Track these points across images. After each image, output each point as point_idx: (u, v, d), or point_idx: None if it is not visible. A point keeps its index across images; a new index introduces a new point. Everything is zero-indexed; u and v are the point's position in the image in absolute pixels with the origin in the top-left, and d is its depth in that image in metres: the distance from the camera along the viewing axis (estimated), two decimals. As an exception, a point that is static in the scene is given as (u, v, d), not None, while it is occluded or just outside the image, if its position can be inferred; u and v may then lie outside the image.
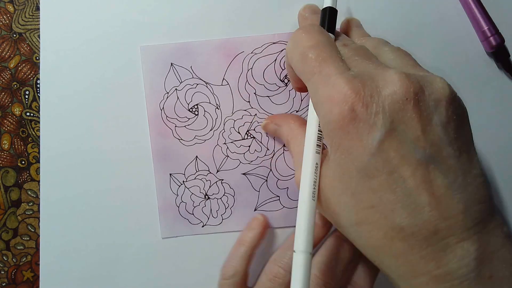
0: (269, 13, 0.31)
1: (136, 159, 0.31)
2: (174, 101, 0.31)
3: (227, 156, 0.31)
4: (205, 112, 0.31)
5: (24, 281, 0.32)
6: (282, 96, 0.30)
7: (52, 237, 0.31)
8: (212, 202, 0.31)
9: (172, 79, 0.30)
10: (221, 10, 0.31)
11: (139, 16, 0.31)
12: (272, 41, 0.30)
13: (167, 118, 0.31)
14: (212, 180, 0.31)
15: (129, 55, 0.31)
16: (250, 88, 0.30)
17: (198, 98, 0.31)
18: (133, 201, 0.31)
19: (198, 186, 0.31)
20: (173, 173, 0.31)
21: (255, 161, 0.31)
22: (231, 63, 0.30)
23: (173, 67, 0.30)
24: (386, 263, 0.21)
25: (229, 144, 0.31)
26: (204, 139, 0.31)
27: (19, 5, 0.31)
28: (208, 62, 0.30)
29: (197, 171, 0.31)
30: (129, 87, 0.31)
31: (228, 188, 0.31)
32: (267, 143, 0.31)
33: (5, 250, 0.32)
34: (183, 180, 0.31)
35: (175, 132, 0.31)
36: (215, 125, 0.31)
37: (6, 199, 0.31)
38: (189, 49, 0.30)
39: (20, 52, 0.31)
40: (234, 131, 0.31)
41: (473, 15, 0.30)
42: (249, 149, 0.31)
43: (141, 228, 0.31)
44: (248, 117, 0.31)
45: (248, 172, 0.31)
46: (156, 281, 0.31)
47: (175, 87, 0.30)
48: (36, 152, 0.31)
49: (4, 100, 0.31)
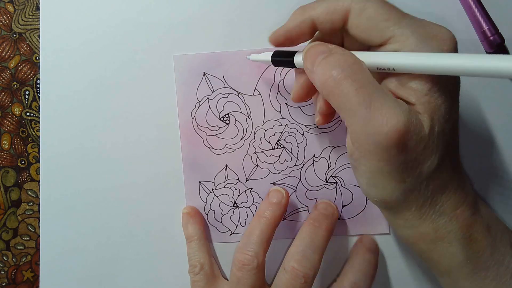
0: None
1: (137, 158, 0.31)
2: (205, 110, 0.31)
3: (256, 165, 0.31)
4: (236, 121, 0.31)
5: (24, 281, 0.32)
6: (313, 107, 0.31)
7: (52, 237, 0.31)
8: (240, 211, 0.31)
9: (204, 88, 0.31)
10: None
11: (138, 15, 0.31)
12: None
13: (198, 127, 0.31)
14: (241, 189, 0.31)
15: (129, 55, 0.31)
16: (282, 98, 0.31)
17: (229, 107, 0.31)
18: (140, 202, 0.31)
19: (227, 194, 0.31)
20: (202, 181, 0.31)
21: (284, 171, 0.31)
22: (263, 74, 0.30)
23: (206, 76, 0.30)
24: None
25: (259, 153, 0.31)
26: (235, 148, 0.31)
27: (19, 5, 0.31)
28: (240, 72, 0.30)
29: (226, 180, 0.31)
30: (129, 86, 0.31)
31: (257, 197, 0.31)
32: (297, 153, 0.31)
33: (5, 250, 0.32)
34: (212, 188, 0.31)
35: (205, 141, 0.31)
36: (246, 134, 0.31)
37: (6, 199, 0.31)
38: (222, 58, 0.31)
39: (20, 52, 0.31)
40: (264, 140, 0.31)
41: (473, 15, 0.30)
42: (279, 159, 0.31)
43: (142, 228, 0.31)
44: (279, 127, 0.31)
45: (278, 181, 0.31)
46: (156, 281, 0.31)
47: (207, 96, 0.31)
48: (36, 152, 0.31)
49: (4, 100, 0.31)
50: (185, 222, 0.31)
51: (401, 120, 0.21)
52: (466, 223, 0.23)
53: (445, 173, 0.23)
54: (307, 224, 0.29)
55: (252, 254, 0.28)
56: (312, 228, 0.29)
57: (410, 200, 0.23)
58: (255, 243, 0.28)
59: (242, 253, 0.28)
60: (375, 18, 0.22)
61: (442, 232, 0.23)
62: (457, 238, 0.23)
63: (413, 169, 0.22)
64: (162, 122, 0.31)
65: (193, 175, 0.31)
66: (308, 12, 0.24)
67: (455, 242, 0.23)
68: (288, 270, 0.27)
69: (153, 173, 0.31)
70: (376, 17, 0.22)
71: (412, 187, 0.23)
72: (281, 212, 0.29)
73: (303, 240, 0.28)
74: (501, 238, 0.25)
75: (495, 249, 0.24)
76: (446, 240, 0.23)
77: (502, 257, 0.24)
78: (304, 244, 0.28)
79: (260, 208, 0.30)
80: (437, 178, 0.23)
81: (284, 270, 0.28)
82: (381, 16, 0.22)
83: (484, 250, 0.24)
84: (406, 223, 0.24)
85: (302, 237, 0.28)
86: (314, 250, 0.28)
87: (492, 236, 0.24)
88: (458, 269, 0.24)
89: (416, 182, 0.22)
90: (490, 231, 0.24)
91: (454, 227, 0.23)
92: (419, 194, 0.23)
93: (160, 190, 0.31)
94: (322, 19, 0.24)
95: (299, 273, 0.27)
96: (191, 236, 0.30)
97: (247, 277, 0.28)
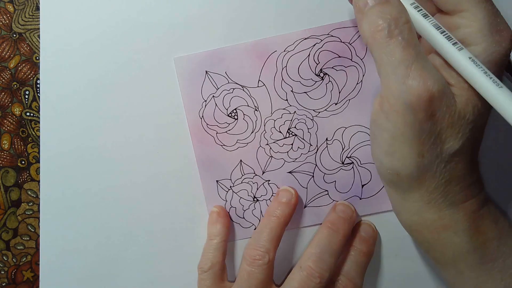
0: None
1: (137, 158, 0.31)
2: (212, 108, 0.31)
3: (271, 156, 0.31)
4: (244, 115, 0.31)
5: (24, 281, 0.32)
6: (319, 90, 0.31)
7: (52, 237, 0.31)
8: (261, 204, 0.31)
9: (209, 86, 0.31)
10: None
11: (138, 15, 0.31)
12: (303, 37, 0.30)
13: (208, 126, 0.31)
14: (259, 182, 0.31)
15: (129, 55, 0.31)
16: (287, 86, 0.31)
17: (236, 102, 0.31)
18: (140, 201, 0.31)
19: (245, 189, 0.31)
20: (219, 180, 0.31)
21: (299, 158, 0.31)
22: (265, 64, 0.30)
23: (208, 74, 0.30)
24: None
25: (272, 144, 0.31)
26: (247, 142, 0.31)
27: (19, 5, 0.31)
28: (242, 65, 0.30)
29: (243, 175, 0.31)
30: (129, 86, 0.31)
31: (275, 188, 0.31)
32: (309, 139, 0.31)
33: (5, 250, 0.32)
34: (230, 186, 0.31)
35: (217, 139, 0.31)
36: (256, 127, 0.31)
37: (6, 199, 0.31)
38: (222, 55, 0.30)
39: (20, 52, 0.31)
40: (275, 131, 0.31)
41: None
42: (292, 147, 0.31)
43: (141, 228, 0.31)
44: (288, 115, 0.31)
45: (294, 170, 0.31)
46: (156, 281, 0.31)
47: (212, 94, 0.31)
48: (36, 152, 0.31)
49: (4, 100, 0.31)
50: (213, 221, 0.31)
51: (436, 86, 0.21)
52: (473, 216, 0.24)
53: (463, 164, 0.23)
54: (325, 227, 0.29)
55: (263, 250, 0.28)
56: (330, 232, 0.29)
57: (423, 180, 0.23)
58: (266, 240, 0.29)
59: (253, 249, 0.28)
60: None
61: (448, 221, 0.24)
62: (463, 228, 0.23)
63: (434, 145, 0.22)
64: (162, 122, 0.31)
65: (209, 175, 0.31)
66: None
67: (461, 232, 0.24)
68: (304, 268, 0.28)
69: (153, 173, 0.31)
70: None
71: (428, 165, 0.23)
72: (291, 211, 0.30)
73: (320, 242, 0.29)
74: (508, 232, 0.25)
75: (502, 241, 0.24)
76: (452, 230, 0.24)
77: (509, 249, 0.24)
78: (321, 246, 0.28)
79: (270, 207, 0.30)
80: (455, 166, 0.23)
81: (300, 268, 0.28)
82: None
83: (491, 242, 0.24)
84: (413, 205, 0.24)
85: (319, 239, 0.29)
86: (331, 253, 0.28)
87: (499, 229, 0.24)
88: (464, 260, 0.24)
89: (434, 161, 0.23)
90: (498, 224, 0.24)
91: (461, 218, 0.23)
92: (434, 176, 0.23)
93: (160, 190, 0.31)
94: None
95: (315, 273, 0.27)
96: (214, 235, 0.30)
97: (258, 272, 0.28)
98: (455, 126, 0.22)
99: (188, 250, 0.31)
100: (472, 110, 0.22)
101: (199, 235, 0.31)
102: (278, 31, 0.30)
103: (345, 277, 0.29)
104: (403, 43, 0.22)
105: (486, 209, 0.24)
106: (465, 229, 0.24)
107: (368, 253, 0.30)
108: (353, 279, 0.29)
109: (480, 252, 0.24)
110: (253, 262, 0.28)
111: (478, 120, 0.23)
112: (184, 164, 0.31)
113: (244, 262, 0.29)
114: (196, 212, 0.31)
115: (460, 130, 0.22)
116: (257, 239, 0.29)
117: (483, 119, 0.23)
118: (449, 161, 0.23)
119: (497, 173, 0.31)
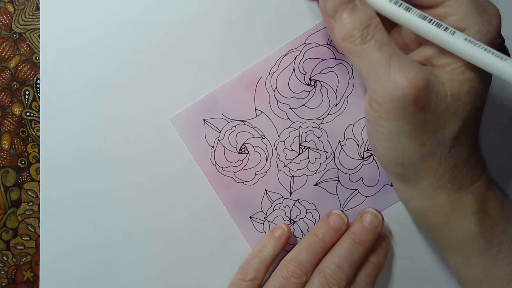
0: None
1: (137, 158, 0.31)
2: (222, 152, 0.31)
3: (292, 176, 0.31)
4: (254, 147, 0.31)
5: (24, 281, 0.32)
6: (315, 98, 0.31)
7: (52, 237, 0.31)
8: (299, 224, 0.32)
9: (211, 132, 0.31)
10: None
11: (138, 15, 0.31)
12: (282, 54, 0.30)
13: (223, 169, 0.31)
14: (290, 204, 0.32)
15: (129, 55, 0.31)
16: (283, 105, 0.31)
17: (242, 138, 0.31)
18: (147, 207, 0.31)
19: (280, 215, 0.32)
20: (252, 215, 0.31)
21: (319, 168, 0.31)
22: (256, 92, 0.31)
23: (207, 122, 0.31)
24: None
25: (289, 164, 0.31)
26: (265, 171, 0.31)
27: (19, 5, 0.31)
28: (235, 101, 0.31)
29: (272, 203, 0.31)
30: (129, 86, 0.31)
31: (308, 205, 0.32)
32: (323, 147, 0.31)
33: (5, 250, 0.32)
34: (264, 217, 0.32)
35: (236, 178, 0.31)
36: (268, 154, 0.31)
37: (6, 199, 0.31)
38: (213, 98, 0.31)
39: (20, 52, 0.31)
40: (288, 151, 0.31)
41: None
42: (309, 160, 0.31)
43: (142, 228, 0.31)
44: (295, 132, 0.31)
45: (319, 181, 0.31)
46: (156, 281, 0.31)
47: (217, 139, 0.31)
48: (36, 152, 0.31)
49: (4, 100, 0.31)
50: (273, 235, 0.30)
51: (419, 77, 0.21)
52: (481, 197, 0.24)
53: (466, 147, 0.23)
54: (348, 238, 0.29)
55: (303, 270, 0.28)
56: (352, 243, 0.29)
57: (429, 168, 0.23)
58: (308, 261, 0.28)
59: (294, 265, 0.28)
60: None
61: (458, 204, 0.24)
62: (472, 211, 0.24)
63: (433, 132, 0.22)
64: (162, 122, 0.31)
65: (241, 214, 0.31)
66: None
67: (470, 215, 0.24)
68: (323, 275, 0.28)
69: (153, 173, 0.31)
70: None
71: (432, 152, 0.23)
72: (337, 238, 0.29)
73: (341, 252, 0.28)
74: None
75: (507, 225, 0.24)
76: (461, 213, 0.24)
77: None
78: (342, 256, 0.28)
79: (320, 228, 0.30)
80: (459, 150, 0.23)
81: (319, 274, 0.28)
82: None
83: (498, 225, 0.24)
84: (421, 193, 0.24)
85: (341, 249, 0.29)
86: (350, 264, 0.28)
87: (504, 212, 0.25)
88: (471, 244, 0.24)
89: (437, 148, 0.23)
90: (504, 207, 0.25)
91: (470, 200, 0.24)
92: (439, 163, 0.23)
93: (160, 190, 0.31)
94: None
95: (333, 281, 0.27)
96: (266, 247, 0.30)
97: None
98: (450, 110, 0.22)
99: (188, 250, 0.31)
100: (468, 91, 0.22)
101: (199, 235, 0.31)
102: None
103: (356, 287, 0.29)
104: (377, 44, 0.22)
105: (492, 191, 0.25)
106: (474, 212, 0.24)
107: (379, 265, 0.30)
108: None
109: (487, 236, 0.24)
110: (290, 277, 0.28)
111: (476, 100, 0.23)
112: (184, 164, 0.31)
113: (279, 273, 0.29)
114: (196, 212, 0.31)
115: (457, 113, 0.22)
116: (299, 256, 0.29)
117: (481, 99, 0.23)
118: (452, 145, 0.23)
119: (497, 173, 0.31)
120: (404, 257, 0.32)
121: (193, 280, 0.32)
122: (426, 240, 0.32)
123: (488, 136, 0.31)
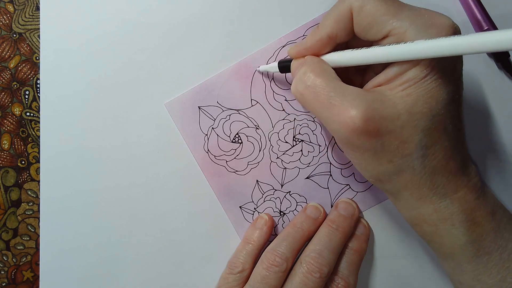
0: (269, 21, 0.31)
1: (136, 158, 0.31)
2: (215, 140, 0.31)
3: (284, 168, 0.31)
4: (248, 137, 0.31)
5: (24, 281, 0.32)
6: None
7: (52, 237, 0.31)
8: (289, 216, 0.32)
9: (206, 120, 0.31)
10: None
11: (138, 16, 0.31)
12: (281, 45, 0.30)
13: (216, 158, 0.31)
14: (281, 196, 0.31)
15: (129, 55, 0.31)
16: (279, 97, 0.31)
17: (236, 127, 0.31)
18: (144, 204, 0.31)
19: (270, 207, 0.32)
20: (242, 205, 0.31)
21: (312, 162, 0.31)
22: (252, 82, 0.31)
23: (201, 109, 0.31)
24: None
25: (282, 156, 0.31)
26: (258, 162, 0.31)
27: (19, 5, 0.31)
28: (231, 90, 0.31)
29: (263, 194, 0.31)
30: (129, 86, 0.31)
31: (298, 197, 0.31)
32: (317, 140, 0.31)
33: (5, 250, 0.32)
34: (254, 208, 0.31)
35: (228, 167, 0.31)
36: (262, 145, 0.31)
37: (6, 199, 0.31)
38: (209, 86, 0.31)
39: (20, 52, 0.31)
40: (281, 142, 0.31)
41: (473, 15, 0.30)
42: (302, 153, 0.31)
43: (142, 228, 0.31)
44: (289, 124, 0.31)
45: (311, 174, 0.31)
46: (156, 280, 0.31)
47: (211, 127, 0.31)
48: (36, 152, 0.31)
49: (4, 100, 0.31)
50: (256, 226, 0.31)
51: (361, 109, 0.22)
52: (469, 206, 0.24)
53: (441, 154, 0.23)
54: (325, 226, 0.30)
55: (283, 258, 0.29)
56: (331, 230, 0.29)
57: (405, 180, 0.23)
58: (287, 248, 0.29)
59: (272, 254, 0.29)
60: (374, 13, 0.23)
61: (444, 213, 0.24)
62: (460, 220, 0.24)
63: (398, 149, 0.22)
64: (162, 122, 0.31)
65: (231, 203, 0.31)
66: (320, 30, 0.25)
67: (458, 224, 0.24)
68: (304, 264, 0.28)
69: (153, 173, 0.31)
70: (375, 13, 0.23)
71: (403, 166, 0.23)
72: (315, 228, 0.30)
73: (321, 240, 0.29)
74: (506, 225, 0.25)
75: (498, 234, 0.24)
76: (449, 222, 0.24)
77: (506, 243, 0.24)
78: (321, 243, 0.29)
79: (297, 218, 0.30)
80: (433, 158, 0.23)
81: (300, 264, 0.29)
82: (379, 11, 0.23)
83: (487, 234, 0.24)
84: (406, 203, 0.24)
85: (320, 237, 0.29)
86: (330, 250, 0.29)
87: (496, 221, 0.24)
88: (461, 252, 0.24)
89: (406, 162, 0.23)
90: (495, 216, 0.25)
91: (456, 209, 0.24)
92: (414, 174, 0.23)
93: (160, 190, 0.31)
94: (335, 31, 0.25)
95: (315, 268, 0.28)
96: (252, 239, 0.30)
97: (272, 278, 0.28)
98: (410, 125, 0.22)
99: (188, 249, 0.32)
100: (425, 101, 0.22)
101: (199, 235, 0.31)
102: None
103: (338, 276, 0.30)
104: (315, 94, 0.23)
105: (482, 200, 0.24)
106: (462, 221, 0.24)
107: (360, 251, 0.30)
108: (346, 277, 0.30)
109: (477, 245, 0.24)
110: (270, 267, 0.28)
111: (438, 108, 0.22)
112: (184, 164, 0.31)
113: (260, 265, 0.29)
114: (196, 212, 0.31)
115: (418, 125, 0.22)
116: (278, 245, 0.29)
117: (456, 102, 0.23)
118: (423, 155, 0.23)
119: (497, 171, 0.31)
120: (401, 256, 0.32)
121: (193, 280, 0.32)
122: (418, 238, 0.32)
123: (485, 139, 0.31)
